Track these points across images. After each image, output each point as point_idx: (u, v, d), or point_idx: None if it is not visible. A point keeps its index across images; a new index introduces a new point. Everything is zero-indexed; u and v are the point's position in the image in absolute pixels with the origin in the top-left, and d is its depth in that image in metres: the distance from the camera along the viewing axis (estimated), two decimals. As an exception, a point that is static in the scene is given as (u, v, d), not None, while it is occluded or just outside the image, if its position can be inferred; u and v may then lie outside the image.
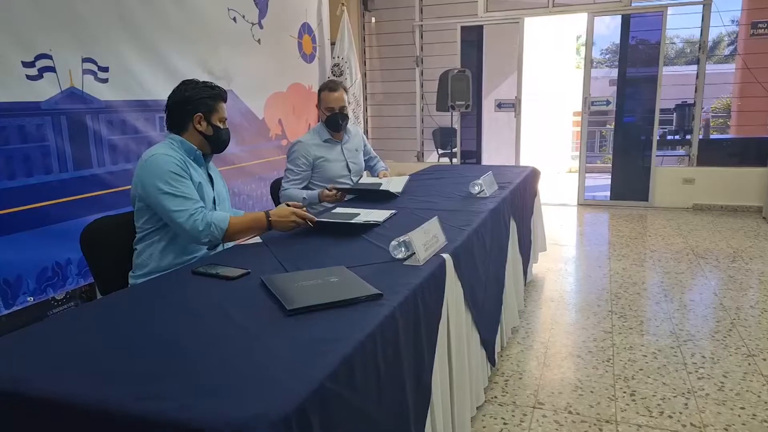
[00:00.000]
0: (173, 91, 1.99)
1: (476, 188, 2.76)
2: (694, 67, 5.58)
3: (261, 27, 4.29)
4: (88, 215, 2.85)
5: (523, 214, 3.18)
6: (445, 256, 1.72)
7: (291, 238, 1.98)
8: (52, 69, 2.69)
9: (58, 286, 2.80)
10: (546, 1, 5.79)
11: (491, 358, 2.27)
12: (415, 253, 1.66)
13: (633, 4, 5.47)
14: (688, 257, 4.01)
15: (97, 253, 1.95)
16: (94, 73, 2.91)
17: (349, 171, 3.03)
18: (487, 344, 2.22)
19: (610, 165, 6.12)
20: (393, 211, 2.32)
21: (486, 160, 6.67)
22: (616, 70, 5.73)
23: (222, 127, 2.01)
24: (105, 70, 2.97)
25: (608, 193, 6.14)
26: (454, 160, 6.33)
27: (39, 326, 1.28)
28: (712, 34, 6.63)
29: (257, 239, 1.97)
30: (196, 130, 1.97)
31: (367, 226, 2.06)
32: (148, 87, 3.24)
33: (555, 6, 5.76)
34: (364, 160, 3.23)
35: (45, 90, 2.67)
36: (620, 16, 5.60)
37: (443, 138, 7.22)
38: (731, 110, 7.66)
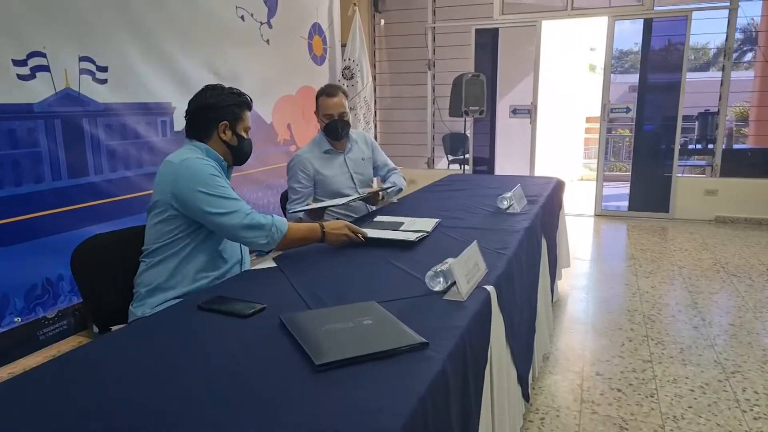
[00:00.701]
0: (196, 95, 1.82)
1: (505, 203, 2.54)
2: (715, 73, 5.36)
3: (270, 27, 4.08)
4: (83, 227, 2.64)
5: (551, 229, 2.96)
6: (489, 288, 1.49)
7: (309, 263, 1.75)
8: (45, 68, 2.48)
9: (49, 304, 2.58)
10: (565, 4, 5.57)
11: (525, 394, 2.04)
12: (455, 284, 1.44)
13: (655, 8, 5.25)
14: (719, 275, 3.78)
15: (90, 277, 1.73)
16: (92, 73, 2.70)
17: (354, 183, 2.78)
18: (522, 380, 2.00)
19: (627, 174, 5.90)
20: (437, 220, 2.26)
21: (498, 167, 6.45)
22: (626, 75, 5.55)
23: (246, 137, 1.87)
24: (104, 69, 2.75)
25: (625, 203, 5.93)
26: (466, 168, 6.11)
27: (14, 380, 1.05)
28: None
29: (271, 263, 1.75)
30: (220, 139, 1.82)
31: (418, 240, 1.96)
32: (151, 88, 3.03)
33: (574, 9, 5.54)
34: (381, 174, 2.97)
35: (38, 91, 2.46)
36: (640, 21, 5.39)
37: (453, 144, 7.00)
38: (749, 119, 7.44)
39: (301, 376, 1.02)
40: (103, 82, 2.75)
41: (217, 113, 1.78)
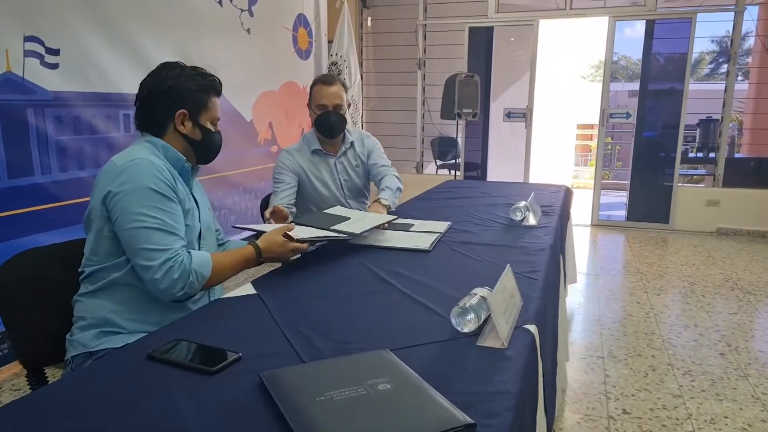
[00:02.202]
0: (149, 76, 1.43)
1: (519, 214, 2.22)
2: (718, 81, 5.16)
3: (251, 14, 3.71)
4: (26, 236, 2.24)
5: (563, 244, 2.66)
6: (532, 329, 1.16)
7: (297, 290, 1.40)
8: (-19, 47, 2.08)
9: (-17, 327, 2.16)
10: (563, 4, 5.32)
11: (551, 441, 1.72)
12: (487, 322, 1.11)
13: (658, 9, 5.02)
14: (734, 293, 3.53)
15: (17, 305, 1.35)
16: (39, 56, 2.30)
17: (344, 193, 2.41)
18: (549, 427, 1.67)
19: (617, 182, 5.67)
20: (449, 223, 2.10)
21: (490, 173, 6.16)
22: (625, 84, 5.32)
23: (213, 129, 1.50)
24: (55, 53, 2.36)
25: (622, 213, 5.69)
26: (457, 173, 5.80)
27: None
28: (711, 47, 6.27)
29: (250, 289, 1.39)
30: (178, 133, 1.44)
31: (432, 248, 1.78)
32: (111, 77, 2.64)
33: (573, 9, 5.29)
34: (372, 175, 2.49)
35: (-29, 74, 2.06)
36: (638, 23, 5.16)
37: (441, 148, 6.69)
38: (743, 127, 7.31)
39: (292, 486, 0.67)
40: (54, 66, 2.36)
41: (173, 100, 1.41)
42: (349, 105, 2.63)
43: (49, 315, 1.40)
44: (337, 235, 1.68)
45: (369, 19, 6.22)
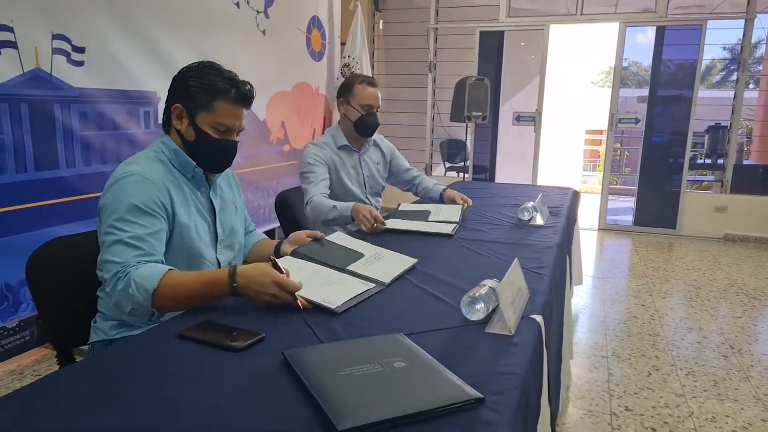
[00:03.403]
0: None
1: (526, 214, 2.28)
2: (727, 88, 5.19)
3: (267, 16, 3.79)
4: (50, 227, 2.32)
5: (570, 244, 2.71)
6: (538, 318, 1.22)
7: (312, 273, 1.46)
8: (12, 44, 2.16)
9: (9, 313, 2.25)
10: (574, 9, 5.37)
11: (554, 434, 1.78)
12: (495, 311, 1.18)
13: (669, 16, 5.06)
14: (739, 297, 3.56)
15: (48, 287, 1.43)
16: (66, 53, 2.38)
17: (366, 189, 2.51)
18: (553, 420, 1.73)
19: (624, 187, 5.70)
20: (459, 206, 2.30)
21: (498, 176, 6.21)
22: (634, 90, 5.36)
23: (213, 135, 1.38)
24: (81, 50, 2.44)
25: (629, 218, 5.72)
26: (466, 176, 5.86)
27: None
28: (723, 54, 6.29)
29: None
30: (175, 130, 1.41)
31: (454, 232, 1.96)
32: (133, 75, 2.72)
33: (583, 14, 5.34)
34: (405, 180, 2.71)
35: (3, 70, 2.14)
36: (649, 29, 5.20)
37: (450, 150, 6.75)
38: (752, 135, 7.31)
39: (317, 446, 0.74)
40: (80, 64, 2.44)
41: (176, 92, 1.39)
42: None
43: (78, 299, 1.47)
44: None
45: (381, 22, 6.29)
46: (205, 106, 1.37)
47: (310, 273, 1.36)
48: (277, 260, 1.24)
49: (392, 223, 2.05)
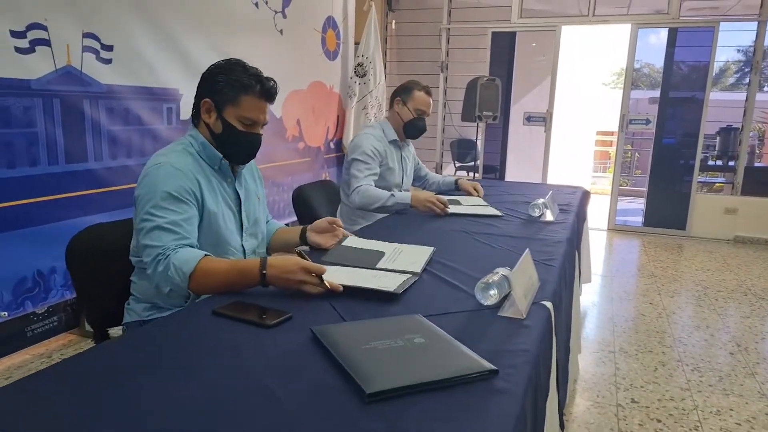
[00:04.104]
0: None
1: (536, 210, 2.35)
2: (739, 90, 5.21)
3: (284, 16, 3.88)
4: (79, 217, 2.43)
5: (579, 242, 2.77)
6: (548, 305, 1.29)
7: (347, 273, 1.54)
8: (46, 42, 2.27)
9: (39, 299, 2.36)
10: (586, 10, 5.41)
11: (561, 423, 1.84)
12: (508, 297, 1.25)
13: (681, 18, 5.09)
14: (747, 297, 3.60)
15: (86, 271, 1.52)
16: (95, 51, 2.49)
17: (402, 183, 2.67)
18: (561, 408, 1.79)
19: (635, 189, 5.73)
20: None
21: (508, 176, 6.27)
22: (646, 91, 5.39)
23: (239, 128, 1.47)
24: (109, 49, 2.55)
25: (637, 218, 5.76)
26: (476, 175, 5.92)
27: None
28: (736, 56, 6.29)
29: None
30: (203, 123, 1.50)
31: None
32: (157, 72, 2.83)
33: (595, 16, 5.38)
34: (421, 176, 2.92)
35: (37, 66, 2.25)
36: (662, 31, 5.23)
37: (460, 150, 6.81)
38: (764, 137, 7.30)
39: (347, 407, 0.82)
40: (108, 62, 2.54)
41: (203, 88, 1.47)
42: (363, 108, 2.95)
43: (113, 282, 1.56)
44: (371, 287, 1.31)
45: (394, 22, 6.37)
46: (232, 101, 1.45)
47: (345, 274, 1.40)
48: (303, 252, 1.32)
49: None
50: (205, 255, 1.32)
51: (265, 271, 1.25)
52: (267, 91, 1.49)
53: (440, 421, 0.78)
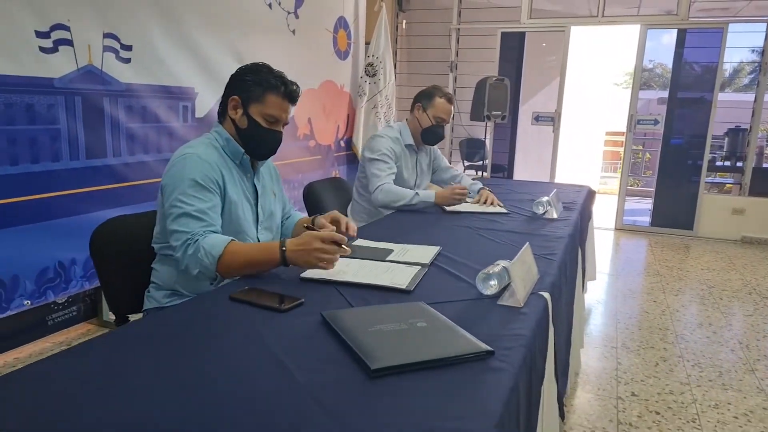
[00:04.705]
0: None
1: (541, 208, 2.41)
2: (747, 91, 5.22)
3: (297, 17, 3.97)
4: (97, 210, 2.53)
5: (583, 240, 2.82)
6: (545, 295, 1.36)
7: (360, 266, 1.62)
8: (69, 42, 2.37)
9: (60, 289, 2.46)
10: (596, 11, 5.45)
11: (561, 412, 1.90)
12: (507, 288, 1.31)
13: (690, 19, 5.11)
14: (751, 297, 3.63)
15: (109, 260, 1.61)
16: (115, 51, 2.59)
17: (414, 187, 2.70)
18: (560, 397, 1.86)
19: (644, 189, 5.75)
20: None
21: (516, 175, 6.31)
22: (654, 91, 5.41)
23: (262, 124, 1.57)
24: (128, 48, 2.64)
25: (645, 218, 5.78)
26: (485, 174, 5.97)
27: (25, 370, 0.93)
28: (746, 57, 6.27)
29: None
30: (230, 119, 1.60)
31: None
32: (173, 72, 2.92)
33: (605, 16, 5.41)
34: (445, 178, 2.94)
35: (60, 65, 2.35)
36: (664, 35, 5.25)
37: (469, 149, 6.87)
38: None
39: (353, 381, 0.89)
40: (127, 61, 2.64)
41: (231, 87, 1.58)
42: (372, 107, 2.97)
43: (134, 271, 1.65)
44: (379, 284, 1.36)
45: (404, 22, 6.43)
46: (257, 98, 1.56)
47: (358, 266, 1.47)
48: (311, 225, 1.48)
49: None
50: (231, 240, 1.43)
51: (284, 248, 1.37)
52: (290, 92, 1.60)
53: (438, 394, 0.86)
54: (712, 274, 4.13)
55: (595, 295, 3.58)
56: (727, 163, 5.72)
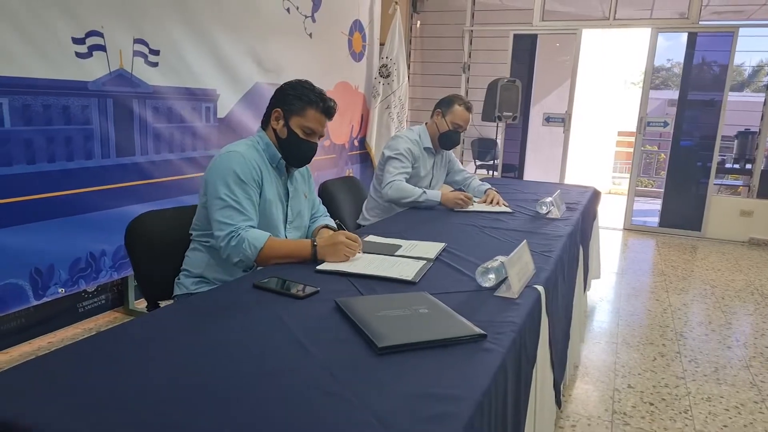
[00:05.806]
0: None
1: (544, 208, 2.53)
2: (758, 93, 5.26)
3: (314, 20, 4.11)
4: (126, 206, 2.70)
5: (586, 238, 2.94)
6: (539, 288, 1.49)
7: (371, 260, 1.76)
8: (102, 48, 2.54)
9: (91, 278, 2.63)
10: (608, 13, 5.52)
11: (558, 401, 2.03)
12: (505, 281, 1.44)
13: (701, 22, 5.17)
14: (753, 297, 3.71)
15: (141, 250, 1.77)
16: (144, 55, 2.75)
17: (429, 187, 2.85)
18: (557, 386, 1.98)
19: (655, 190, 5.82)
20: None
21: (527, 175, 6.40)
22: (663, 91, 5.45)
23: (301, 136, 1.74)
24: (156, 53, 2.81)
25: (655, 219, 5.85)
26: (495, 174, 6.08)
27: (59, 352, 1.08)
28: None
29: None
30: (272, 128, 1.77)
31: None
32: (197, 74, 3.08)
33: (616, 19, 5.48)
34: (458, 180, 3.05)
35: (94, 69, 2.52)
36: (681, 35, 5.31)
37: (481, 149, 6.97)
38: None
39: (363, 357, 1.03)
40: (154, 65, 2.80)
41: (276, 99, 1.77)
42: (386, 108, 3.08)
43: (165, 261, 1.81)
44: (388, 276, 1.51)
45: (418, 23, 6.55)
46: (298, 112, 1.73)
47: (369, 260, 1.64)
48: (339, 223, 1.75)
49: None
50: (270, 235, 1.64)
51: (315, 243, 1.61)
52: (328, 108, 1.78)
53: (436, 369, 0.99)
54: (716, 275, 4.20)
55: (598, 293, 3.68)
56: (737, 166, 5.76)
